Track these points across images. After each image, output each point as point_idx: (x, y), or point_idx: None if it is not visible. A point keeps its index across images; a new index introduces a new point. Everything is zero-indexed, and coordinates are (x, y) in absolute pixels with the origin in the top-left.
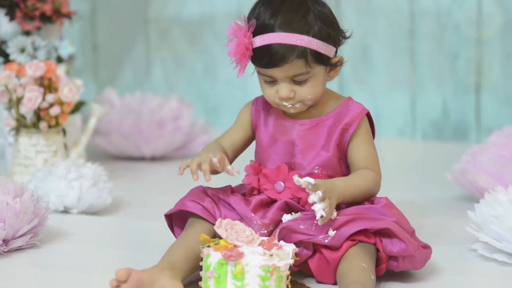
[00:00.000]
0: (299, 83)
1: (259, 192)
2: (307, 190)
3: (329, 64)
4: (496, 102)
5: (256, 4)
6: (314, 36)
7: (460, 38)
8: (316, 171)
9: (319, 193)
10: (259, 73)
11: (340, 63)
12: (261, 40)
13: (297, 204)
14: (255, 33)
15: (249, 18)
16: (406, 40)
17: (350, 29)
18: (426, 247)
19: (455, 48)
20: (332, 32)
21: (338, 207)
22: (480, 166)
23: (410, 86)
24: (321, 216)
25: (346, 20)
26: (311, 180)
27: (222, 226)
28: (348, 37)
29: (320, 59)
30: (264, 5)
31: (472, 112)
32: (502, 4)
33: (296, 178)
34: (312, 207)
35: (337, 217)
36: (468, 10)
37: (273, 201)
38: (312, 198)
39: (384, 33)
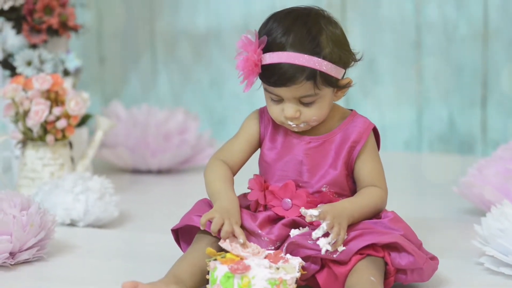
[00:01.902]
0: (306, 104)
1: (265, 208)
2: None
3: (338, 86)
4: (502, 115)
5: (269, 19)
6: (324, 58)
7: (466, 50)
8: (324, 189)
9: (324, 227)
10: (266, 90)
11: (348, 85)
12: (270, 58)
13: (304, 221)
14: (265, 50)
15: (260, 33)
16: (412, 52)
17: (358, 48)
18: (433, 258)
19: (462, 61)
20: (343, 55)
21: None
22: (487, 179)
23: (416, 98)
24: (326, 251)
25: (352, 33)
26: (315, 213)
27: (227, 241)
28: (358, 60)
29: (329, 81)
30: (277, 21)
31: (478, 125)
32: (509, 16)
33: (303, 210)
34: (317, 243)
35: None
36: (475, 23)
37: (280, 218)
38: (315, 234)
39: (390, 45)
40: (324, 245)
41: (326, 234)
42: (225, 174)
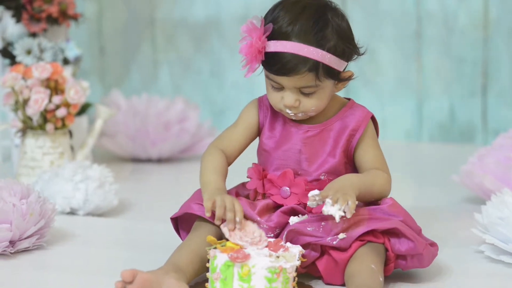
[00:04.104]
0: (306, 94)
1: (264, 196)
2: (318, 202)
3: (339, 79)
4: (502, 104)
5: (276, 6)
6: (328, 51)
7: (466, 40)
8: (323, 177)
9: (328, 201)
10: (267, 76)
11: (350, 78)
12: (275, 46)
13: (303, 209)
14: (270, 37)
15: (266, 19)
16: (413, 43)
17: (359, 39)
18: (433, 244)
19: (462, 51)
20: (347, 49)
21: None
22: (487, 168)
23: (417, 88)
24: (341, 217)
25: (352, 23)
26: (316, 192)
27: (226, 228)
28: (362, 54)
29: (331, 73)
30: (284, 9)
31: (479, 114)
32: (509, 7)
33: (309, 203)
34: (330, 213)
35: (345, 218)
36: (475, 13)
37: (279, 206)
38: (325, 210)
39: (391, 36)
40: (336, 212)
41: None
42: (219, 165)
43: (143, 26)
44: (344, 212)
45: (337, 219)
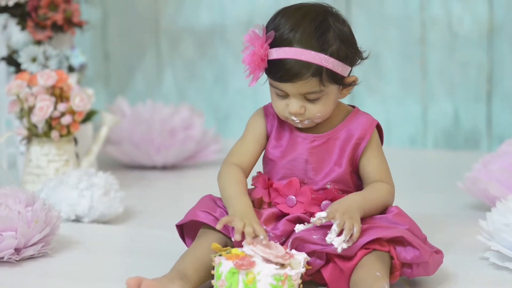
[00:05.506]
0: (311, 100)
1: (269, 205)
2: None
3: (343, 84)
4: (507, 110)
5: (277, 15)
6: (331, 55)
7: (471, 46)
8: (329, 186)
9: (335, 229)
10: (271, 85)
11: (354, 83)
12: (277, 53)
13: (308, 218)
14: (272, 45)
15: (267, 28)
16: (417, 48)
17: (363, 44)
18: (438, 252)
19: (466, 56)
20: (350, 53)
21: None
22: (492, 174)
23: (421, 94)
24: (342, 248)
25: (356, 28)
26: (323, 214)
27: (249, 246)
28: (365, 58)
29: (335, 78)
30: (285, 16)
31: (484, 121)
32: None
33: (312, 220)
34: (332, 242)
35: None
36: (479, 18)
37: (285, 215)
38: (329, 239)
39: (395, 41)
40: (340, 244)
41: (339, 232)
42: (237, 178)
43: (147, 32)
44: (346, 242)
45: (339, 250)
